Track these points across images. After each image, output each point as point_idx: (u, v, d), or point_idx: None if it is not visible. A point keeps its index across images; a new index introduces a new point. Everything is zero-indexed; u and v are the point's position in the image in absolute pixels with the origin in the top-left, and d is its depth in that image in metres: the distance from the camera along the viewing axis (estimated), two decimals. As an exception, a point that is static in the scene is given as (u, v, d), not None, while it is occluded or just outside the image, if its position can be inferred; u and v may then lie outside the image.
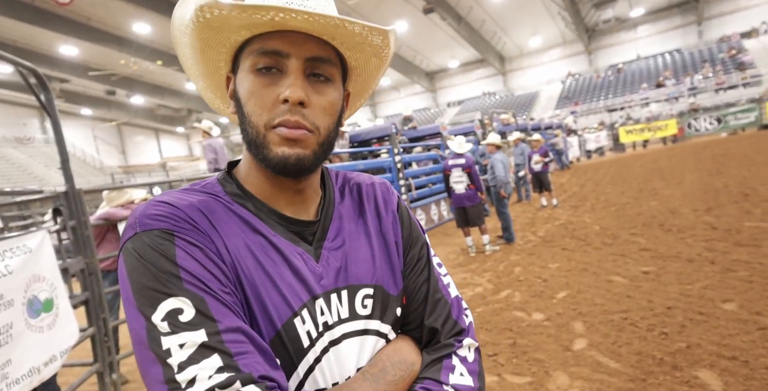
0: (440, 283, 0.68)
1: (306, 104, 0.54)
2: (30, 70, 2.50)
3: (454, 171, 5.39)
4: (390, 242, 0.67)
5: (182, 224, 0.52)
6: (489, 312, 3.51)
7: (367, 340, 0.61)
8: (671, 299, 3.17)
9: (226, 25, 0.53)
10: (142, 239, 0.50)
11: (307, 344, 0.56)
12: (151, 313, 0.46)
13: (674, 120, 18.61)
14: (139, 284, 0.48)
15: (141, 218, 0.51)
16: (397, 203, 0.71)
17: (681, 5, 26.61)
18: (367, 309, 0.62)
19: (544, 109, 27.89)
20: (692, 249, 4.24)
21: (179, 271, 0.48)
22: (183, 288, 0.48)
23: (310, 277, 0.58)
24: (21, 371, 1.86)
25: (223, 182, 0.61)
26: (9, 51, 2.48)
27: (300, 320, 0.55)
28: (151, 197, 0.64)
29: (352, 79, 0.66)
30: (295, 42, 0.54)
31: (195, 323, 0.46)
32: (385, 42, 0.58)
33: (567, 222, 6.59)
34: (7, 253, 1.95)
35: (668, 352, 2.46)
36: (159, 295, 0.47)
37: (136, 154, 33.97)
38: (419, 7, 22.24)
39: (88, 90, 27.13)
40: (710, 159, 11.03)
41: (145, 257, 0.49)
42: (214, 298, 0.48)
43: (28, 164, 23.01)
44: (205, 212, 0.55)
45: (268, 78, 0.54)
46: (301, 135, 0.54)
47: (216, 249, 0.53)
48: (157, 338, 0.46)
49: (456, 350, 0.63)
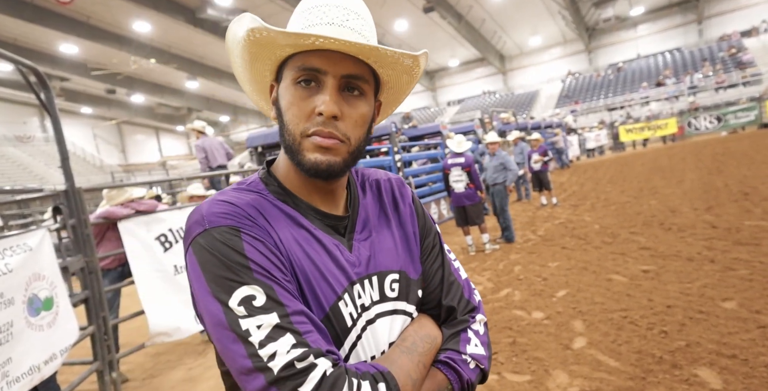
0: (452, 267, 0.77)
1: (339, 118, 0.60)
2: (30, 69, 2.50)
3: (454, 170, 5.39)
4: (408, 232, 0.75)
5: (244, 221, 0.58)
6: (489, 311, 3.51)
7: (397, 319, 0.69)
8: (671, 297, 3.18)
9: (273, 43, 0.60)
10: (212, 234, 0.56)
11: (350, 323, 0.64)
12: (227, 299, 0.53)
13: (674, 119, 18.60)
14: (213, 274, 0.55)
15: (208, 216, 0.58)
16: (411, 197, 0.80)
17: (681, 4, 26.58)
18: (394, 292, 0.70)
19: (544, 108, 27.86)
20: (692, 248, 4.25)
21: (249, 262, 0.55)
22: (254, 277, 0.54)
23: (347, 265, 0.65)
24: (21, 369, 1.87)
25: (265, 181, 0.68)
26: (9, 49, 2.47)
27: (343, 303, 0.63)
28: (152, 194, 0.65)
29: (384, 91, 0.72)
30: (332, 60, 0.59)
31: (267, 307, 0.53)
32: (415, 63, 0.64)
33: (567, 221, 6.59)
34: (8, 251, 1.95)
35: (668, 350, 2.46)
36: (233, 283, 0.54)
37: (136, 153, 33.95)
38: (419, 6, 22.21)
39: (88, 89, 27.09)
40: (710, 158, 11.03)
41: (217, 251, 0.55)
42: (279, 286, 0.55)
43: (29, 163, 23.00)
44: (260, 209, 0.62)
45: (306, 91, 0.61)
46: (332, 144, 0.60)
47: (274, 242, 0.59)
48: (236, 320, 0.52)
49: (470, 325, 0.72)
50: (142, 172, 27.30)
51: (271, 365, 0.50)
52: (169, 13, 19.35)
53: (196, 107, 32.80)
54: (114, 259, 3.53)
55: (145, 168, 29.07)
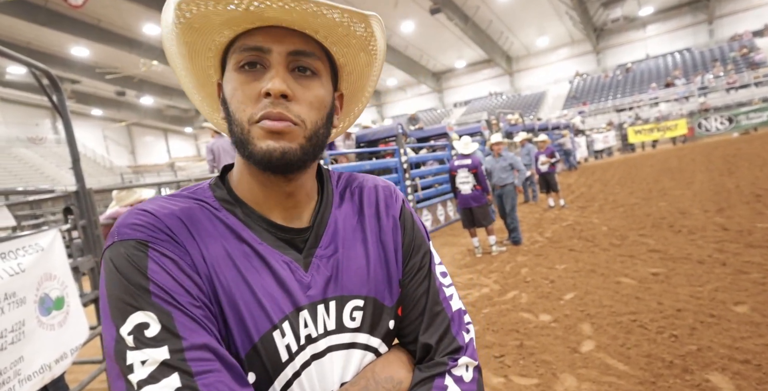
0: (441, 295, 0.64)
1: (290, 97, 0.53)
2: (43, 72, 2.54)
3: (460, 172, 5.37)
4: (389, 249, 0.64)
5: (158, 235, 0.51)
6: (495, 313, 3.49)
7: (354, 354, 0.59)
8: (681, 301, 3.14)
9: (207, 24, 0.53)
10: (118, 248, 0.50)
11: (285, 358, 0.54)
12: (121, 325, 0.46)
13: (684, 120, 18.39)
14: (112, 294, 0.48)
15: (120, 227, 0.51)
16: (400, 208, 0.68)
17: (691, 4, 26.31)
18: (355, 322, 0.59)
19: (552, 109, 27.71)
20: (703, 250, 4.19)
21: (149, 284, 0.48)
22: (151, 302, 0.47)
23: (295, 287, 0.56)
24: (32, 368, 1.89)
25: (214, 187, 0.60)
26: (23, 52, 2.52)
27: (279, 333, 0.54)
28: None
29: (343, 78, 0.64)
30: (276, 37, 0.53)
31: (159, 339, 0.46)
32: (368, 31, 0.56)
33: (574, 223, 6.54)
34: (20, 251, 1.98)
35: (678, 355, 2.43)
36: (128, 307, 0.47)
37: (145, 154, 34.33)
38: (426, 8, 22.22)
39: (98, 91, 27.47)
40: (721, 159, 10.88)
41: (119, 268, 0.49)
42: (182, 312, 0.48)
43: (40, 164, 23.35)
44: (186, 220, 0.54)
45: (251, 74, 0.54)
46: (285, 127, 0.52)
47: (191, 260, 0.52)
48: (123, 351, 0.45)
49: (450, 369, 0.59)
50: (151, 173, 27.59)
51: None
52: (178, 15, 19.52)
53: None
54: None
55: (154, 169, 29.36)
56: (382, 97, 38.05)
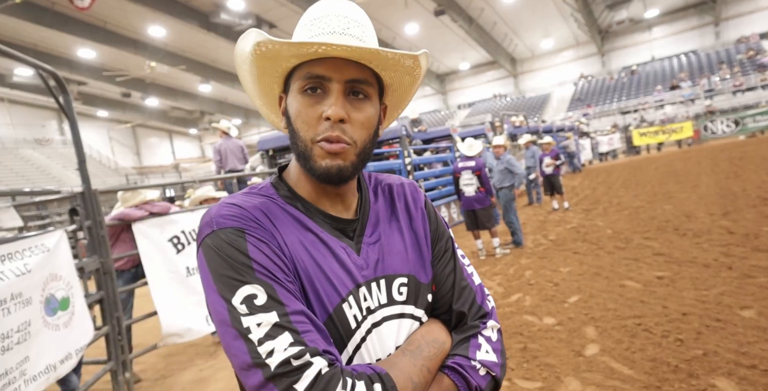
0: (465, 272, 0.76)
1: (345, 121, 0.62)
2: (50, 73, 2.56)
3: (464, 173, 5.37)
4: (420, 236, 0.75)
5: (250, 223, 0.61)
6: (499, 316, 3.48)
7: (404, 322, 0.69)
8: (687, 304, 3.11)
9: (278, 56, 0.63)
10: (219, 235, 0.59)
11: (354, 325, 0.64)
12: (231, 297, 0.56)
13: (690, 122, 18.29)
14: (218, 273, 0.57)
15: (216, 218, 0.61)
16: (424, 201, 0.80)
17: (697, 6, 26.18)
18: (402, 296, 0.70)
19: (556, 111, 27.63)
20: (708, 254, 4.16)
21: (252, 262, 0.57)
22: (256, 277, 0.57)
23: (353, 268, 0.66)
24: (38, 368, 1.90)
25: (276, 186, 0.70)
26: (30, 54, 2.54)
27: (347, 305, 0.64)
28: (164, 197, 0.66)
29: (388, 94, 0.74)
30: (336, 67, 0.62)
31: (268, 306, 0.55)
32: (416, 63, 0.66)
33: (579, 225, 6.51)
34: (26, 252, 1.99)
35: (684, 359, 2.41)
36: (236, 282, 0.56)
37: (150, 156, 34.51)
38: (430, 9, 22.24)
39: (104, 92, 27.66)
40: (727, 162, 10.81)
41: (222, 251, 0.58)
42: (281, 286, 0.57)
43: (47, 165, 23.53)
44: (266, 212, 0.64)
45: (313, 98, 0.63)
46: (340, 149, 0.62)
47: (278, 244, 0.61)
48: (238, 317, 0.55)
49: (481, 331, 0.71)
50: (156, 174, 27.73)
51: (269, 362, 0.52)
52: (183, 17, 19.69)
53: (209, 110, 33.25)
54: (128, 260, 3.59)
55: (159, 170, 29.52)
56: (385, 98, 38.04)
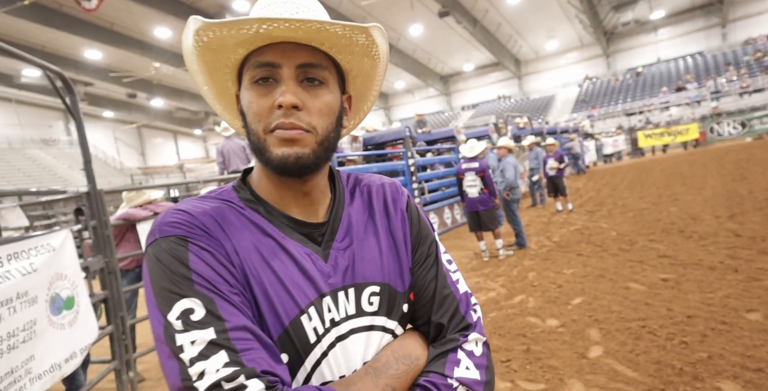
0: (449, 279, 0.70)
1: (300, 107, 0.58)
2: (57, 74, 2.59)
3: (468, 175, 5.36)
4: (399, 240, 0.70)
5: (195, 231, 0.56)
6: (502, 317, 3.47)
7: (373, 335, 0.64)
8: (692, 307, 3.09)
9: (222, 45, 0.59)
10: (160, 244, 0.55)
11: (313, 339, 0.59)
12: (168, 312, 0.52)
13: (696, 124, 18.18)
14: (157, 285, 0.53)
15: (160, 226, 0.57)
16: (406, 202, 0.74)
17: (704, 7, 26.04)
18: (373, 306, 0.65)
19: (560, 112, 27.55)
20: (714, 257, 4.13)
21: (191, 274, 0.53)
22: (194, 290, 0.52)
23: (317, 276, 0.61)
24: (43, 366, 1.92)
25: (237, 189, 0.66)
26: (37, 55, 2.57)
27: (307, 317, 0.59)
28: (167, 197, 0.66)
29: (350, 82, 0.69)
30: (285, 52, 0.58)
31: (205, 321, 0.51)
32: (370, 40, 0.61)
33: (583, 227, 6.48)
34: (32, 251, 2.01)
35: (689, 362, 2.39)
36: (174, 296, 0.52)
37: (155, 156, 34.71)
38: (434, 11, 22.26)
39: (110, 93, 27.87)
40: (734, 164, 10.73)
41: (162, 261, 0.54)
42: (222, 298, 0.53)
43: (53, 165, 23.72)
44: (218, 218, 0.59)
45: (264, 88, 0.59)
46: (297, 134, 0.58)
47: (226, 253, 0.57)
48: (173, 335, 0.51)
49: (462, 345, 0.65)
50: (160, 174, 27.88)
51: (197, 385, 0.48)
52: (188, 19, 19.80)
53: (213, 111, 33.27)
54: (132, 260, 3.61)
55: (163, 171, 29.67)
56: (389, 99, 38.11)
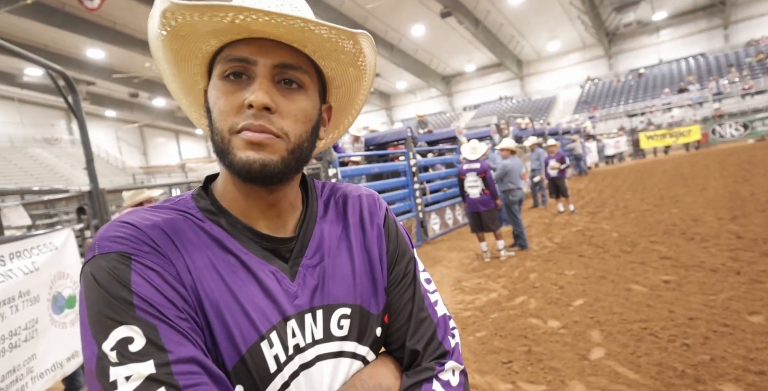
0: (426, 301, 0.65)
1: (273, 110, 0.52)
2: (59, 73, 2.59)
3: (469, 176, 5.36)
4: (374, 257, 0.64)
5: (141, 246, 0.50)
6: (503, 318, 3.47)
7: (342, 362, 0.59)
8: (694, 309, 3.08)
9: (193, 33, 0.53)
10: (99, 262, 0.48)
11: (274, 368, 0.53)
12: (103, 341, 0.45)
13: (698, 126, 18.16)
14: (93, 310, 0.46)
15: (100, 240, 0.50)
16: (384, 216, 0.68)
17: (706, 8, 26.00)
18: (343, 330, 0.59)
19: (562, 113, 27.53)
20: (716, 259, 4.12)
21: (133, 297, 0.46)
22: (135, 316, 0.46)
23: (282, 297, 0.55)
24: (45, 365, 1.92)
25: (197, 198, 0.59)
26: (40, 55, 2.58)
27: (267, 344, 0.53)
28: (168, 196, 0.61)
29: (332, 92, 0.64)
30: (263, 48, 0.53)
31: (144, 353, 0.44)
32: (357, 48, 0.56)
33: (584, 228, 6.47)
34: (35, 250, 2.01)
35: (690, 364, 2.39)
36: (111, 322, 0.45)
37: (157, 155, 34.77)
38: (436, 11, 22.26)
39: (112, 92, 27.94)
40: (736, 166, 10.70)
41: (100, 282, 0.47)
42: (168, 325, 0.46)
43: (55, 164, 23.78)
44: (169, 232, 0.53)
45: (236, 84, 0.53)
46: (265, 139, 0.52)
47: (176, 271, 0.51)
48: (106, 368, 0.44)
49: (438, 374, 0.60)
50: (162, 174, 27.93)
51: None
52: (191, 19, 19.86)
53: (216, 111, 33.45)
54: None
55: (165, 170, 29.72)
56: (391, 100, 38.12)
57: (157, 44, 0.55)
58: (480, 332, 3.29)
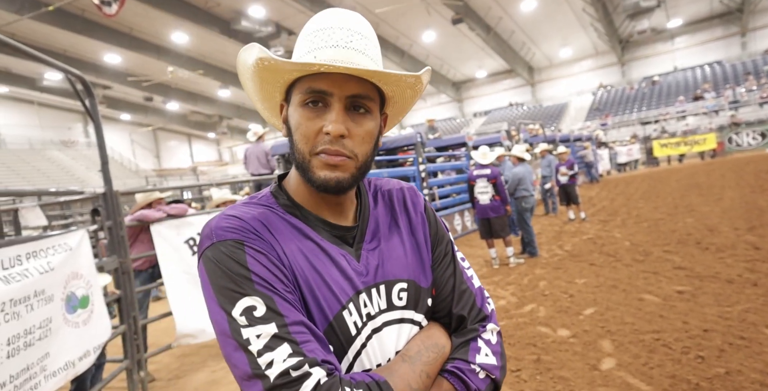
0: (465, 275, 0.76)
1: (345, 136, 0.62)
2: (78, 78, 2.65)
3: (479, 181, 5.33)
4: (420, 240, 0.76)
5: (249, 235, 0.61)
6: (512, 326, 3.43)
7: (404, 327, 0.70)
8: (708, 321, 3.02)
9: (280, 69, 0.63)
10: (218, 248, 0.60)
11: (354, 332, 0.65)
12: (231, 309, 0.56)
13: (713, 134, 17.84)
14: (218, 285, 0.58)
15: (216, 230, 0.61)
16: (424, 205, 0.80)
17: (723, 16, 25.66)
18: (402, 301, 0.70)
19: (574, 120, 27.30)
20: (732, 269, 4.03)
21: (251, 274, 0.58)
22: (255, 289, 0.57)
23: (353, 274, 0.67)
24: (57, 364, 1.95)
25: (275, 195, 0.71)
26: (59, 59, 2.65)
27: (347, 312, 0.65)
28: (178, 198, 0.67)
29: (389, 105, 0.74)
30: (337, 82, 0.62)
31: (267, 317, 0.56)
32: (418, 80, 0.67)
33: (595, 237, 6.38)
34: (50, 250, 2.05)
35: (705, 377, 2.33)
36: (236, 294, 0.57)
37: (169, 158, 35.27)
38: (448, 18, 22.33)
39: (128, 96, 28.47)
40: (753, 175, 10.49)
41: (222, 263, 0.58)
42: (280, 297, 0.58)
43: (71, 166, 24.26)
44: (265, 222, 0.64)
45: (314, 112, 0.63)
46: (340, 161, 0.62)
47: (277, 255, 0.62)
48: (238, 329, 0.55)
49: (481, 334, 0.72)
50: (174, 177, 28.31)
51: (268, 373, 0.53)
52: (205, 24, 20.21)
53: (227, 115, 33.86)
54: (145, 260, 3.66)
55: (177, 173, 30.13)
56: (401, 106, 38.17)
57: (248, 73, 0.68)
58: (488, 339, 3.25)
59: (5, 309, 1.67)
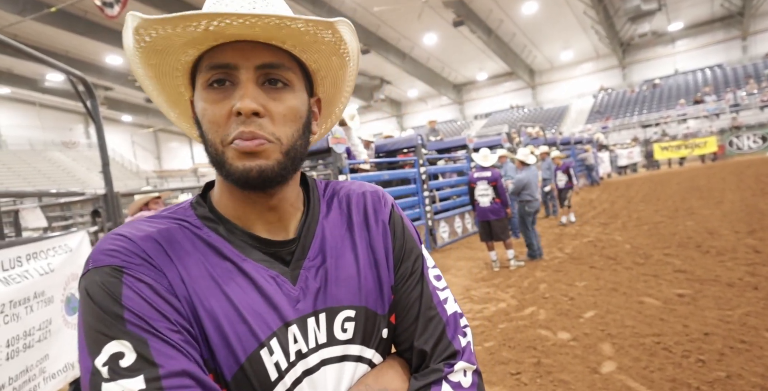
0: (435, 298, 0.62)
1: (262, 114, 0.51)
2: (79, 79, 2.66)
3: (480, 184, 5.33)
4: (380, 256, 0.62)
5: (133, 259, 0.49)
6: (512, 329, 3.42)
7: (347, 366, 0.57)
8: (709, 324, 3.01)
9: (169, 45, 0.52)
10: (93, 276, 0.48)
11: (275, 376, 0.52)
12: (96, 356, 0.45)
13: (714, 137, 17.84)
14: (87, 325, 0.47)
15: (94, 254, 0.50)
16: (389, 213, 0.66)
17: (724, 19, 25.72)
18: (347, 333, 0.57)
19: (574, 123, 27.34)
20: (733, 273, 4.02)
21: (124, 311, 0.46)
22: (125, 330, 0.45)
23: (283, 301, 0.54)
24: (57, 366, 1.95)
25: (195, 206, 0.59)
26: (61, 60, 2.66)
27: (267, 351, 0.52)
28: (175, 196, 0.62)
29: (318, 83, 0.62)
30: (243, 52, 0.52)
31: (134, 368, 0.44)
32: (337, 36, 0.54)
33: (596, 239, 6.38)
34: (50, 251, 2.05)
35: (705, 381, 2.32)
36: (103, 337, 0.45)
37: (170, 160, 35.34)
38: (449, 20, 22.40)
39: (129, 97, 28.54)
40: (754, 179, 10.48)
41: (93, 297, 0.47)
42: (159, 339, 0.46)
43: (72, 167, 24.30)
44: (163, 242, 0.52)
45: (220, 92, 0.52)
46: (258, 145, 0.51)
47: (168, 283, 0.50)
48: (98, 384, 0.43)
49: (447, 375, 0.57)
50: (175, 178, 28.35)
51: None
52: (208, 27, 20.28)
53: (229, 117, 33.95)
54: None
55: (178, 174, 30.18)
56: (402, 107, 38.26)
57: (136, 61, 0.54)
58: (488, 342, 3.25)
59: (5, 311, 1.67)
